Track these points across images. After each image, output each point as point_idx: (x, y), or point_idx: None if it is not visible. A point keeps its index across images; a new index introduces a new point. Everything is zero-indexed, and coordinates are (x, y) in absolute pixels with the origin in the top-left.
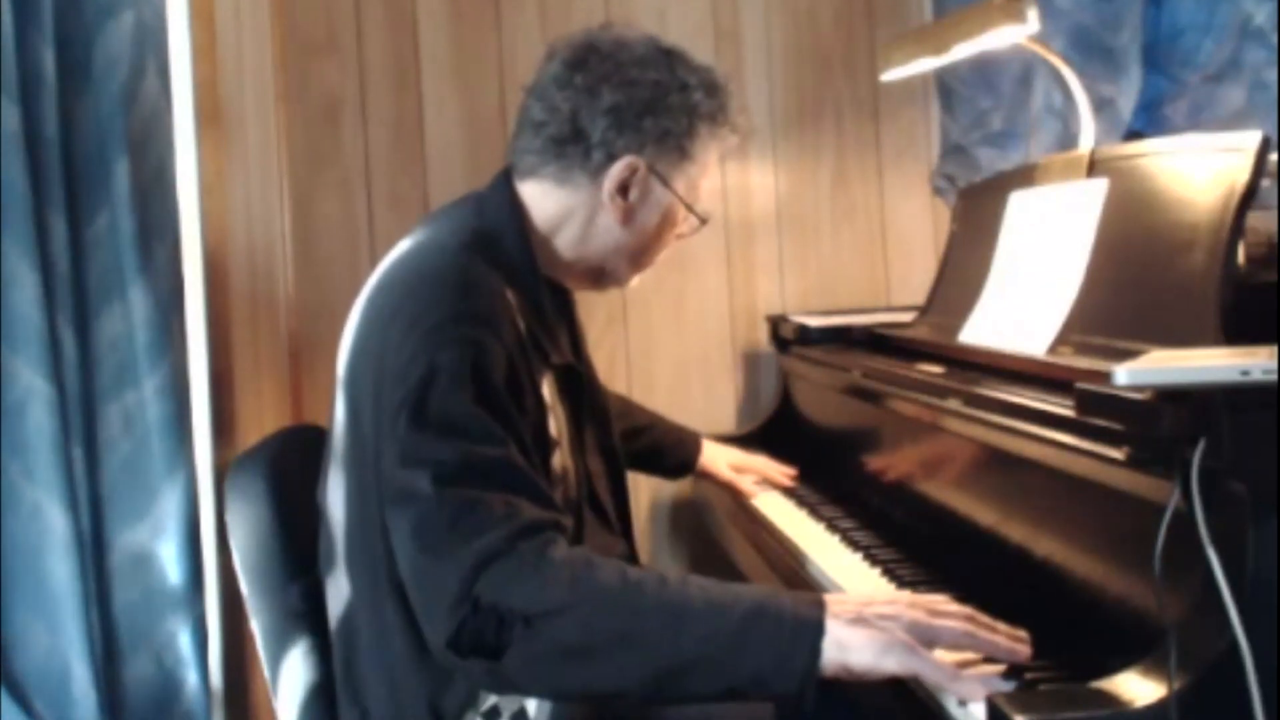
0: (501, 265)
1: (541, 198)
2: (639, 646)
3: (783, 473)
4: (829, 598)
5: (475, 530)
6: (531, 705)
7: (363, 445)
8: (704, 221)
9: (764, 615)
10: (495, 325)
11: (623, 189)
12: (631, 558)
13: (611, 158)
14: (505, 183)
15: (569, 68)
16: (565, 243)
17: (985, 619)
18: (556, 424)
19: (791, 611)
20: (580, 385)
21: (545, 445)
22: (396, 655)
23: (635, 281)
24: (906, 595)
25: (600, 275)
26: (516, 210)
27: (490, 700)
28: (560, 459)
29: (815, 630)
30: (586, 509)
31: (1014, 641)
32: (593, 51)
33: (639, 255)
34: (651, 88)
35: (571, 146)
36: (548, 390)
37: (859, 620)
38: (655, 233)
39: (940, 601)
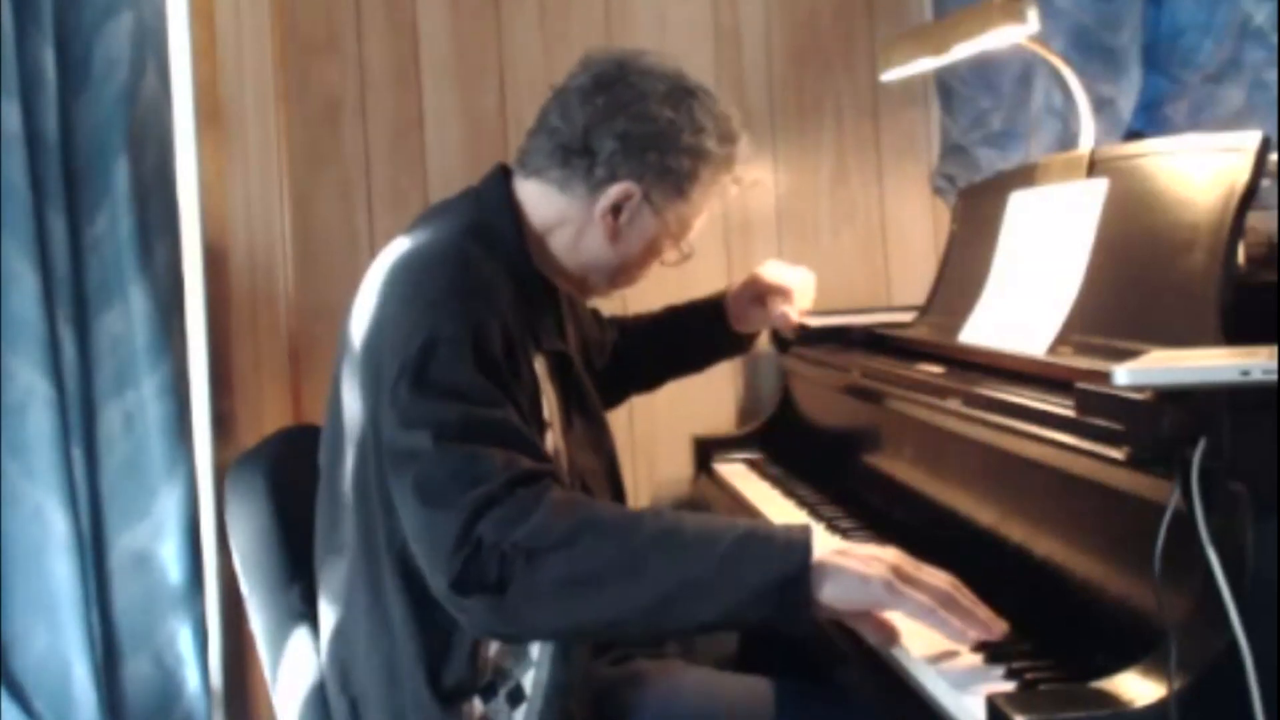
0: (497, 253)
1: (540, 198)
2: (638, 574)
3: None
4: (818, 531)
5: (475, 479)
6: (528, 681)
7: (363, 422)
8: (687, 257)
9: (754, 538)
10: (493, 301)
11: (615, 210)
12: None
13: (612, 178)
14: (503, 179)
15: (595, 85)
16: (556, 248)
17: (968, 592)
18: (549, 406)
19: (783, 536)
20: (571, 371)
21: (539, 424)
22: (395, 633)
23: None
24: (893, 550)
25: (581, 285)
26: (512, 205)
27: (486, 677)
28: (553, 440)
29: (804, 551)
30: (595, 490)
31: (990, 621)
32: (622, 76)
33: (619, 274)
34: (666, 125)
35: (578, 159)
36: (541, 373)
37: (844, 553)
38: (638, 257)
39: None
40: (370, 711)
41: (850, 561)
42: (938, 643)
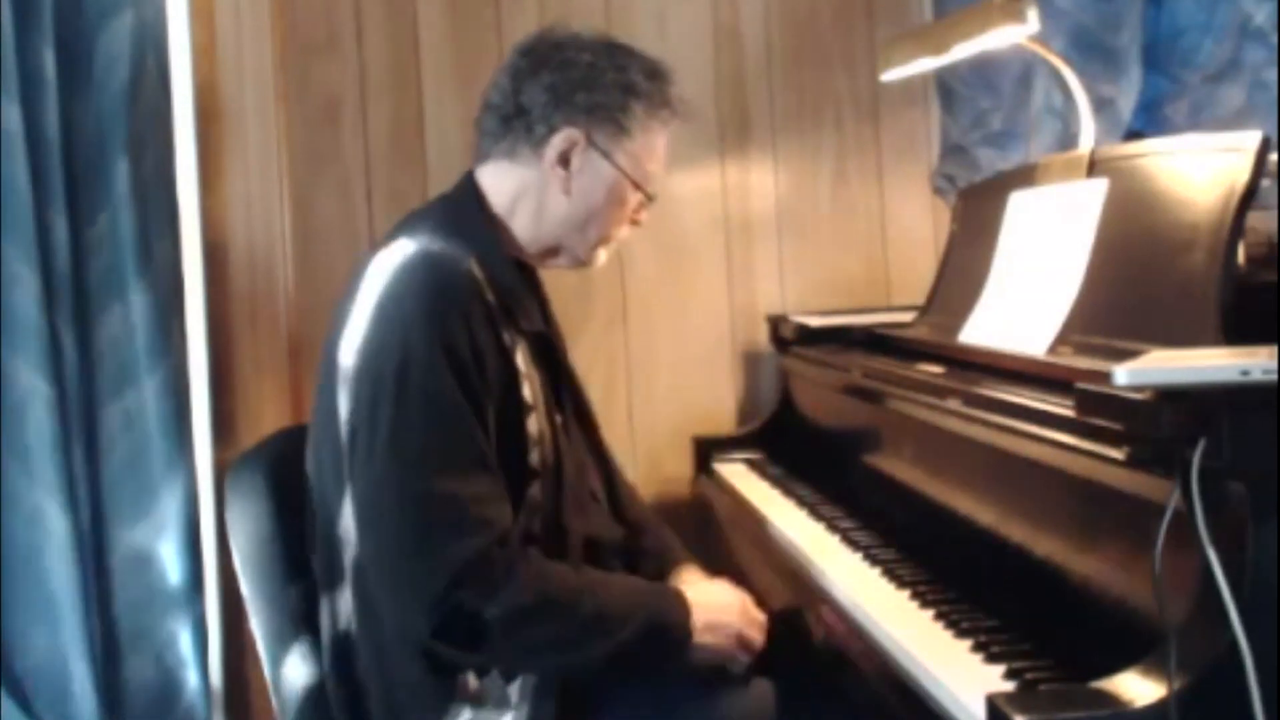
0: (468, 247)
1: (497, 177)
2: (580, 647)
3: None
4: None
5: (452, 536)
6: None
7: (346, 436)
8: (650, 198)
9: (654, 626)
10: (460, 302)
11: (564, 160)
12: (622, 527)
13: (551, 129)
14: (468, 176)
15: (519, 54)
16: (522, 221)
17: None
18: (531, 389)
19: (675, 624)
20: (554, 351)
21: (519, 408)
22: (383, 615)
23: (602, 258)
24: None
25: (558, 251)
26: (477, 196)
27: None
28: (536, 423)
29: (686, 634)
30: (569, 478)
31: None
32: (540, 40)
33: (589, 229)
34: (587, 68)
35: (516, 121)
36: (521, 358)
37: (710, 628)
38: (603, 207)
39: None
40: (368, 698)
41: (709, 638)
42: (938, 643)
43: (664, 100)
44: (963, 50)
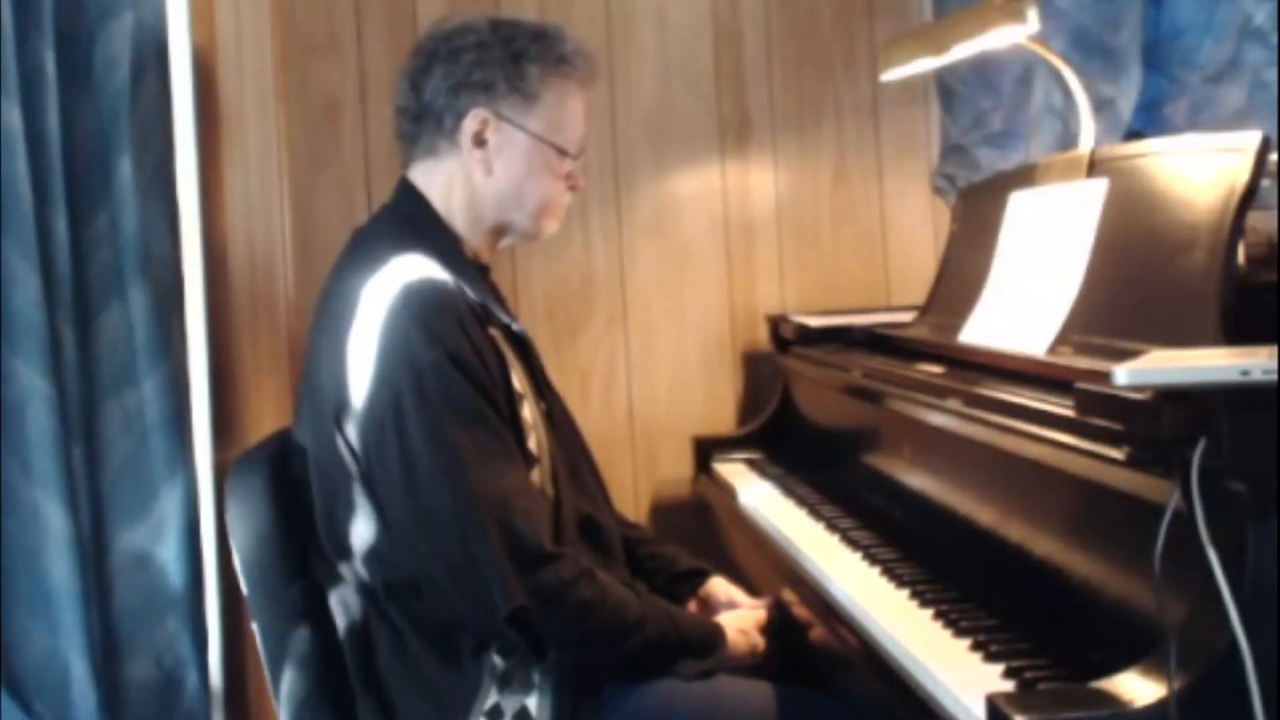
0: (432, 252)
1: (428, 178)
2: (629, 663)
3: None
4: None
5: (520, 557)
6: (532, 702)
7: (364, 461)
8: (570, 155)
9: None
10: (449, 309)
11: (479, 141)
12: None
13: (460, 116)
14: (403, 183)
15: (412, 54)
16: (460, 211)
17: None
18: (519, 379)
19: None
20: (527, 347)
21: (513, 399)
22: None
23: (552, 227)
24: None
25: (504, 231)
26: (420, 200)
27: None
28: (530, 411)
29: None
30: (563, 460)
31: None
32: (429, 36)
33: (525, 201)
34: (476, 48)
35: (426, 119)
36: (506, 351)
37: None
38: (530, 176)
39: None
40: (390, 690)
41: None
42: (937, 642)
43: (558, 57)
44: (963, 50)
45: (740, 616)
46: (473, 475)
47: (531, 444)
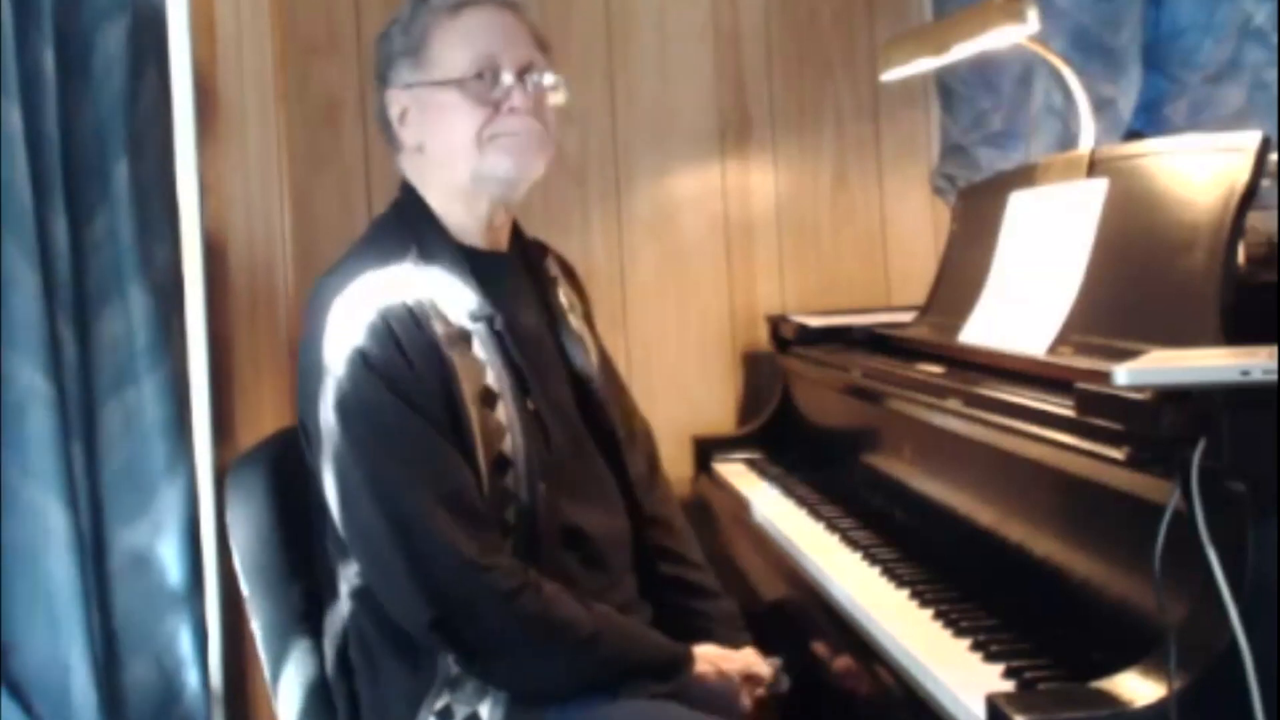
0: (409, 239)
1: (410, 176)
2: (582, 679)
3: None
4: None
5: (434, 568)
6: (485, 709)
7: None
8: (474, 77)
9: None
10: (366, 316)
11: (404, 121)
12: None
13: (386, 109)
14: (402, 181)
15: None
16: (440, 197)
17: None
18: (495, 376)
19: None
20: (527, 342)
21: (456, 405)
22: (366, 602)
23: (518, 165)
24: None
25: (482, 182)
26: (410, 193)
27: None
28: (505, 413)
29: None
30: (550, 465)
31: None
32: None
33: (455, 150)
34: (382, 39)
35: (382, 124)
36: (480, 347)
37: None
38: (446, 124)
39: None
40: (360, 688)
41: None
42: (937, 642)
43: (435, 4)
44: (963, 50)
45: (725, 655)
46: (389, 489)
47: (506, 446)
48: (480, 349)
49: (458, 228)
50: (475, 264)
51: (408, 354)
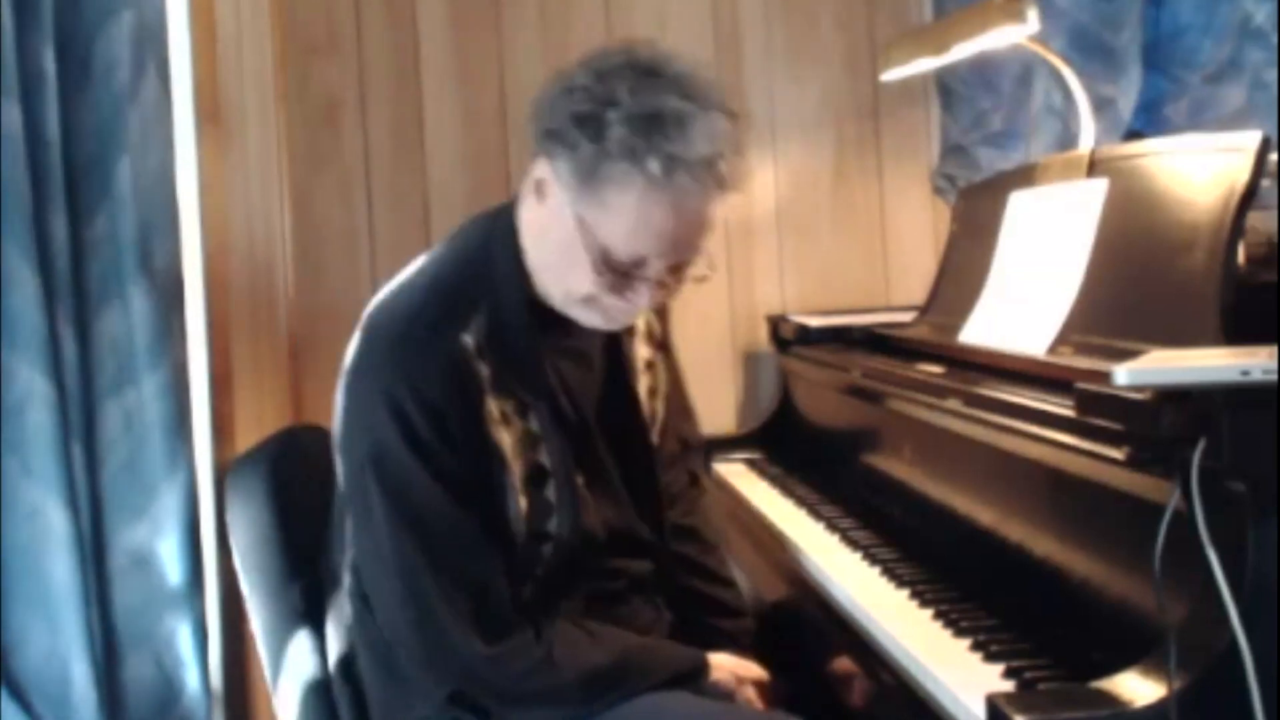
0: (486, 285)
1: (524, 205)
2: (599, 708)
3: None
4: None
5: (450, 641)
6: None
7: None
8: (612, 269)
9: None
10: (423, 389)
11: (541, 191)
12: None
13: (535, 162)
14: (513, 201)
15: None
16: (538, 255)
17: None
18: (550, 455)
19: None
20: (577, 415)
21: (539, 475)
22: None
23: (596, 321)
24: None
25: (566, 309)
26: (511, 233)
27: None
28: (555, 489)
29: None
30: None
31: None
32: (591, 58)
33: (565, 280)
34: (582, 93)
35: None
36: (536, 422)
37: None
38: (581, 277)
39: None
40: (368, 687)
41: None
42: (937, 642)
43: (663, 154)
44: (963, 50)
45: (741, 664)
46: (410, 565)
47: (552, 525)
48: (535, 424)
49: (542, 289)
50: (545, 320)
51: (452, 434)
